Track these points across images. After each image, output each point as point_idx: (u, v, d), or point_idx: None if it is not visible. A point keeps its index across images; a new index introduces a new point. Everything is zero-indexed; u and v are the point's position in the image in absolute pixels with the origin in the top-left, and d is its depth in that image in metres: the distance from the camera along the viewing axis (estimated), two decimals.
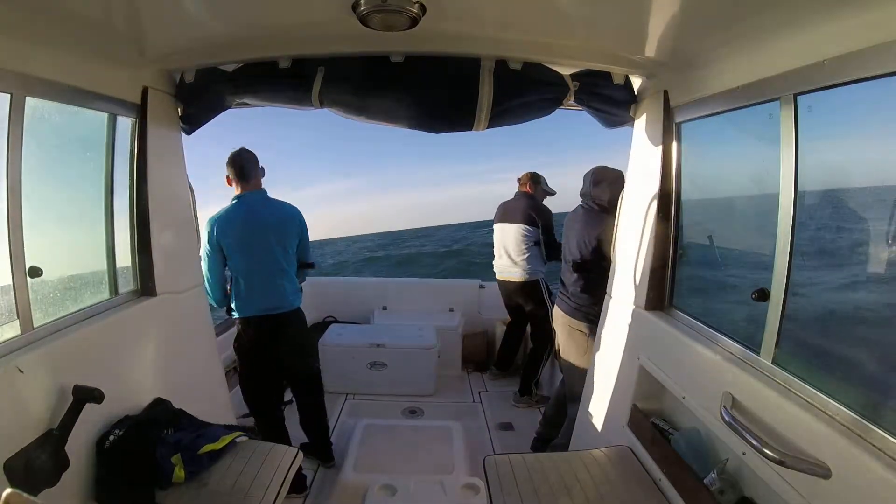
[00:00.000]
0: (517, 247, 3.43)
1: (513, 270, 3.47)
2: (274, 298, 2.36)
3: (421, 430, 2.87)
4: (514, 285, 3.50)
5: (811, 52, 1.17)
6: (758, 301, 1.39)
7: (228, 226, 2.28)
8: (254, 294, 2.33)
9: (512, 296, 3.59)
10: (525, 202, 3.45)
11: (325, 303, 4.40)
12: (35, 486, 1.29)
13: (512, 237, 3.44)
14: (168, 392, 1.90)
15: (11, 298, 1.44)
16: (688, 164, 1.87)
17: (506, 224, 3.49)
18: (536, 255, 3.42)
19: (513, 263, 3.46)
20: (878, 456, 0.99)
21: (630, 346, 2.01)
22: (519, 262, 3.44)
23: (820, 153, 1.30)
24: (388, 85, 1.86)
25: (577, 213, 2.66)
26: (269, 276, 2.34)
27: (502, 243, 3.51)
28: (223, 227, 2.28)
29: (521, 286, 3.46)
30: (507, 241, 3.47)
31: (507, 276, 3.53)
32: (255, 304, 2.34)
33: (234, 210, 2.31)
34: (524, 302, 3.52)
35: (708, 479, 1.42)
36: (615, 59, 1.85)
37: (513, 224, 3.44)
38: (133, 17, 1.46)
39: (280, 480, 1.63)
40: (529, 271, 3.42)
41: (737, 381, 1.38)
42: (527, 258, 3.41)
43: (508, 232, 3.47)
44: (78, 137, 1.84)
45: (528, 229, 3.39)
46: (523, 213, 3.40)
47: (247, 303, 2.34)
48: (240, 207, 2.31)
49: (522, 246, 3.40)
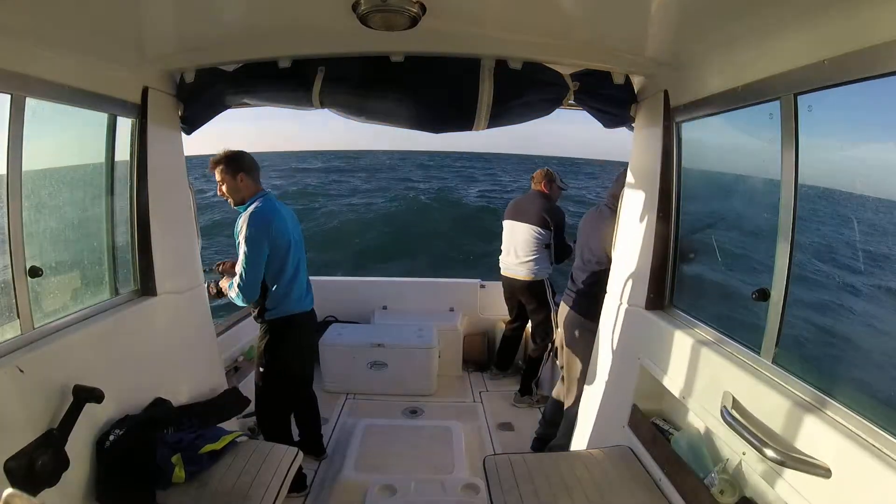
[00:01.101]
0: (527, 247, 3.42)
1: (519, 269, 3.47)
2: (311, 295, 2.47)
3: (421, 430, 2.87)
4: (520, 284, 3.49)
5: (811, 52, 1.17)
6: (758, 301, 1.39)
7: (283, 224, 2.25)
8: (304, 291, 2.40)
9: (516, 293, 3.59)
10: (540, 203, 3.41)
11: (325, 302, 4.39)
12: (35, 486, 1.29)
13: (522, 237, 3.43)
14: (168, 392, 1.90)
15: (12, 298, 1.44)
16: (688, 164, 1.87)
17: (517, 223, 3.48)
18: (544, 257, 3.41)
19: (520, 262, 3.46)
20: (878, 456, 0.99)
21: (630, 346, 2.01)
22: (526, 262, 3.43)
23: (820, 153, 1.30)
24: (388, 85, 1.86)
25: (600, 213, 2.61)
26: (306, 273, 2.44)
27: (512, 241, 3.50)
28: (279, 226, 2.22)
29: (527, 286, 3.46)
30: (517, 239, 3.46)
31: (513, 274, 3.52)
32: (307, 300, 2.42)
33: (276, 208, 2.27)
34: (527, 301, 3.52)
35: (708, 479, 1.42)
36: (615, 58, 1.85)
37: (525, 224, 3.43)
38: (133, 17, 1.46)
39: (280, 480, 1.63)
40: (536, 272, 3.41)
41: (737, 381, 1.38)
42: (535, 259, 3.41)
43: (519, 231, 3.46)
44: (78, 137, 1.84)
45: (541, 232, 3.37)
46: (537, 215, 3.38)
47: (298, 301, 2.35)
48: (276, 205, 2.29)
49: (532, 247, 3.40)
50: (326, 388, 3.54)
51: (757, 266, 1.56)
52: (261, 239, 2.14)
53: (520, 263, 3.46)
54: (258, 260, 2.16)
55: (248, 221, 2.14)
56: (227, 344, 3.03)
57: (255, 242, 2.13)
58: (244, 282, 2.16)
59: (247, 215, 2.16)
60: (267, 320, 2.30)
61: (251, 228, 2.13)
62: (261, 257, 2.16)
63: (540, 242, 3.39)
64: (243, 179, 2.22)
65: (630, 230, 2.10)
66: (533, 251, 3.40)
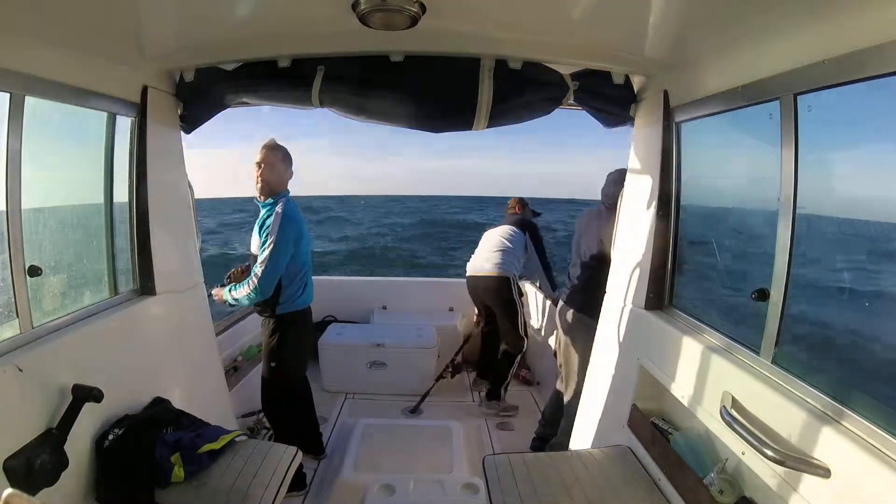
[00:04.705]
0: (498, 243, 3.34)
1: (485, 264, 3.33)
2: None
3: (420, 430, 2.87)
4: (483, 281, 3.34)
5: (811, 52, 1.17)
6: (757, 301, 1.39)
7: (304, 224, 2.41)
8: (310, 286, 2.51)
9: (480, 293, 3.44)
10: (513, 218, 3.46)
11: (325, 302, 4.39)
12: (35, 485, 1.28)
13: (494, 238, 3.39)
14: (168, 392, 1.90)
15: (11, 298, 1.44)
16: (687, 164, 1.87)
17: (493, 230, 3.48)
18: (514, 255, 3.31)
19: (486, 259, 3.34)
20: (878, 456, 0.99)
21: (630, 345, 2.01)
22: (492, 257, 3.31)
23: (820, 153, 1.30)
24: (387, 84, 1.86)
25: (597, 212, 2.64)
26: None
27: (483, 244, 3.45)
28: (302, 226, 2.37)
29: (492, 283, 3.30)
30: (488, 242, 3.41)
31: (477, 272, 3.38)
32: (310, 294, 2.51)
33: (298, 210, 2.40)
34: (493, 301, 3.36)
35: (708, 479, 1.42)
36: (615, 58, 1.85)
37: (499, 227, 3.43)
38: (133, 16, 1.46)
39: (280, 479, 1.63)
40: (502, 267, 3.26)
41: (736, 381, 1.38)
42: (502, 253, 3.29)
43: (493, 233, 3.43)
44: (78, 137, 1.84)
45: (514, 230, 3.35)
46: (512, 222, 3.42)
47: (308, 294, 2.48)
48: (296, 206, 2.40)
49: (504, 242, 3.32)
50: (326, 387, 3.54)
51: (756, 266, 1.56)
52: (291, 239, 2.27)
53: (485, 260, 3.34)
54: (284, 258, 2.27)
55: (283, 219, 2.24)
56: (226, 344, 3.03)
57: (287, 241, 2.25)
58: (265, 276, 2.24)
59: (281, 213, 2.25)
60: (278, 315, 2.38)
61: (286, 226, 2.24)
62: (286, 255, 2.28)
63: (514, 240, 3.32)
64: (288, 173, 2.40)
65: (630, 230, 2.10)
66: (503, 245, 3.32)
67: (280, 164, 2.34)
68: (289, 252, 2.27)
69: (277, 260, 2.24)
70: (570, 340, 2.63)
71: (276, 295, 2.33)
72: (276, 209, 2.27)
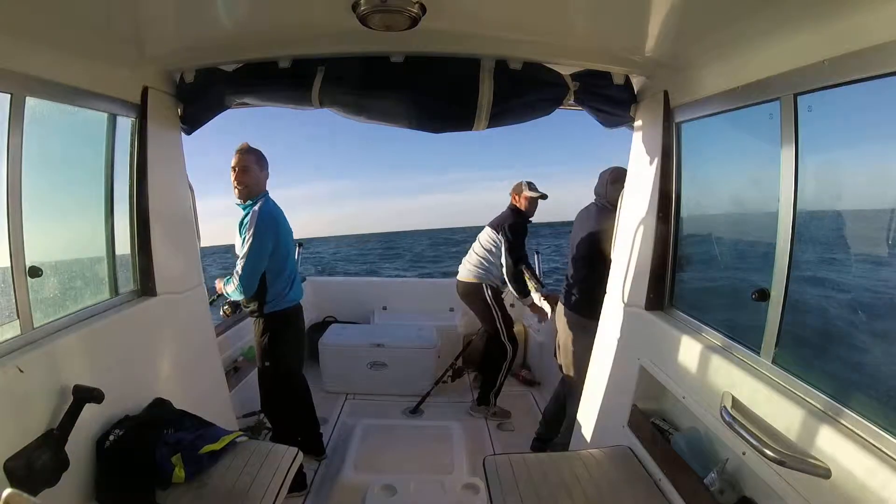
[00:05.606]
0: (476, 246, 3.38)
1: (461, 270, 3.39)
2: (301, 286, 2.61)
3: (421, 430, 2.87)
4: (461, 286, 3.41)
5: (811, 52, 1.17)
6: (758, 301, 1.39)
7: (287, 224, 2.45)
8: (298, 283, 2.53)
9: (461, 297, 3.48)
10: (504, 214, 3.32)
11: (325, 302, 4.40)
12: (35, 486, 1.29)
13: (477, 239, 3.41)
14: (168, 392, 1.90)
15: (11, 298, 1.44)
16: (688, 165, 1.87)
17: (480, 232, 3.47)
18: (487, 259, 3.27)
19: (463, 263, 3.40)
20: (878, 456, 0.99)
21: (630, 346, 2.01)
22: (467, 261, 3.37)
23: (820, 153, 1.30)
24: (388, 85, 1.86)
25: (589, 211, 2.65)
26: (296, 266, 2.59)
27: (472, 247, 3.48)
28: (285, 226, 2.41)
29: (462, 286, 3.37)
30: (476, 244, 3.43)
31: (458, 276, 3.44)
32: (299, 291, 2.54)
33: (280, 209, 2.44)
34: (471, 306, 3.40)
35: (708, 479, 1.42)
36: (615, 59, 1.85)
37: (484, 228, 3.41)
38: (133, 17, 1.46)
39: (280, 480, 1.63)
40: (473, 273, 3.30)
41: (737, 381, 1.38)
42: (478, 259, 3.31)
43: (480, 236, 3.43)
44: (78, 137, 1.84)
45: (492, 235, 3.29)
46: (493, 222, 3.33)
47: (296, 291, 2.51)
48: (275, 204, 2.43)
49: (479, 246, 3.34)
50: (326, 388, 3.54)
51: (756, 266, 1.56)
52: (269, 234, 2.29)
53: (463, 264, 3.40)
54: (263, 253, 2.28)
55: (259, 216, 2.27)
56: (226, 344, 3.03)
57: (264, 236, 2.26)
58: (244, 271, 2.27)
59: (258, 211, 2.28)
60: (266, 314, 2.39)
61: (262, 223, 2.26)
62: (265, 251, 2.29)
63: (490, 244, 3.28)
64: (264, 174, 2.40)
65: (630, 230, 2.10)
66: (479, 250, 3.33)
67: (254, 167, 2.36)
68: (267, 248, 2.29)
69: (256, 256, 2.26)
70: (568, 341, 2.63)
71: (262, 294, 2.35)
72: (254, 208, 2.30)
